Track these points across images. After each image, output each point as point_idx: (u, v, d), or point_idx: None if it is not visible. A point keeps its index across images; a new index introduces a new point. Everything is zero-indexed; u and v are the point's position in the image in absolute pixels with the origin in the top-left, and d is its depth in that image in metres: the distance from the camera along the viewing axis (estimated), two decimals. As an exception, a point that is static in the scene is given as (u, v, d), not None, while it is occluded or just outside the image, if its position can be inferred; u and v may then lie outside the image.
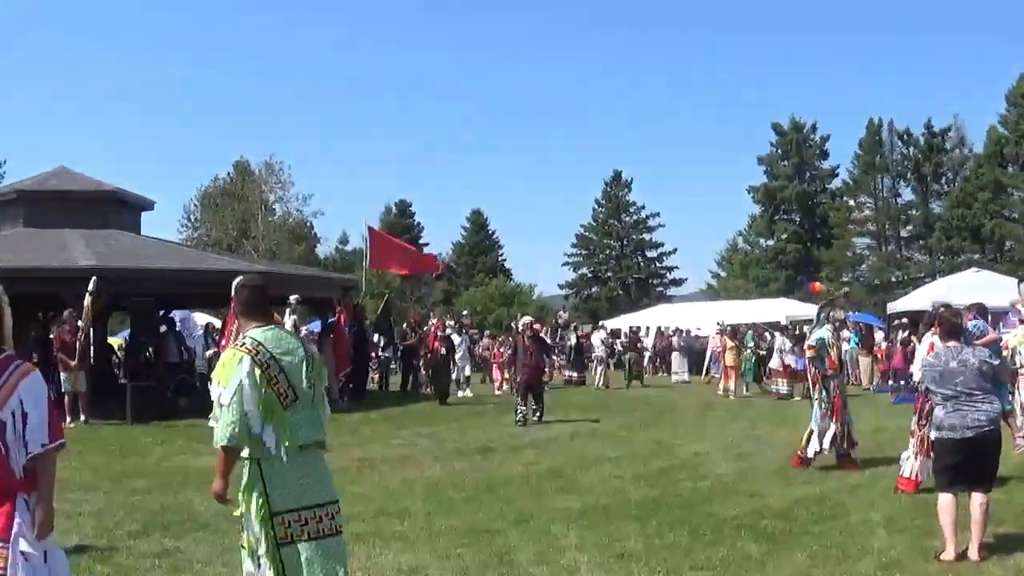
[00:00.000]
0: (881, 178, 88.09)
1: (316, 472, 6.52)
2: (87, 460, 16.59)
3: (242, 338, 6.60)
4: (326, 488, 6.56)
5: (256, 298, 6.91)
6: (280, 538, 6.31)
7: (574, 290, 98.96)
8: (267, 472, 6.35)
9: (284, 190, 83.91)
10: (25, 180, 32.94)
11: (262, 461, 6.36)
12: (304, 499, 6.38)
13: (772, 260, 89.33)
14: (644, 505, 12.81)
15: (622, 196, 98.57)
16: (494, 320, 70.04)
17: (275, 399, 6.35)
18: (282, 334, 6.69)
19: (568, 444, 19.27)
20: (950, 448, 9.92)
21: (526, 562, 9.84)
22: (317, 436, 6.59)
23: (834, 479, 14.59)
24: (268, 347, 6.45)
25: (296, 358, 6.54)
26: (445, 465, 16.50)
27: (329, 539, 6.46)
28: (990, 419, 9.82)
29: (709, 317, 47.14)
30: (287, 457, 6.33)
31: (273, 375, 6.37)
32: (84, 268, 24.47)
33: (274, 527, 6.30)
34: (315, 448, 6.57)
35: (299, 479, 6.38)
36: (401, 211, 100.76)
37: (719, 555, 10.04)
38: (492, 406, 27.91)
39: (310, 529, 6.36)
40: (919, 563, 9.63)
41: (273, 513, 6.31)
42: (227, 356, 6.52)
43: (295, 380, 6.46)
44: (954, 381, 9.82)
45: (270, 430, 6.32)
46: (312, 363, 6.64)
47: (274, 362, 6.40)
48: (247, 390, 6.28)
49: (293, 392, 6.43)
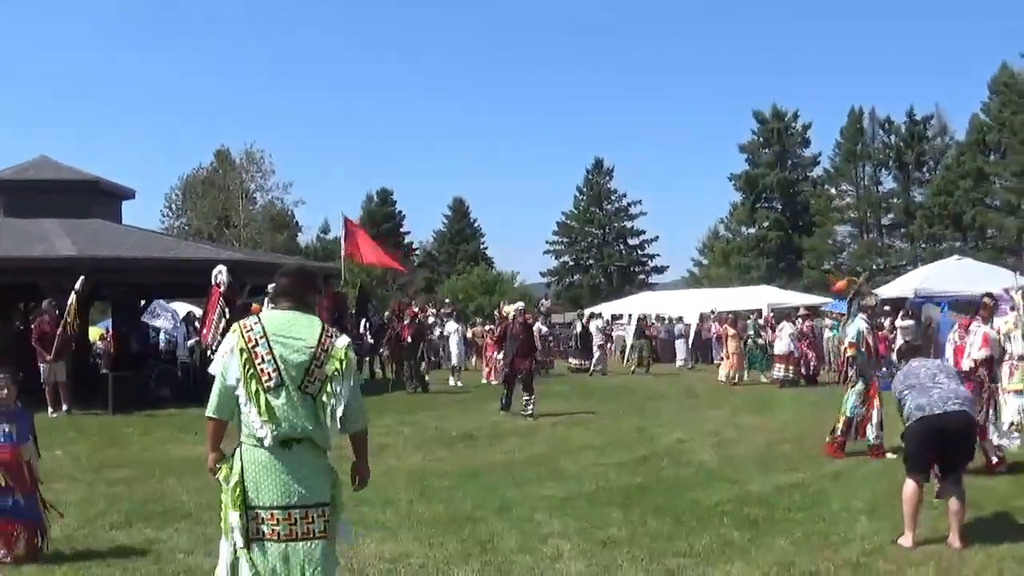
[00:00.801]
0: (863, 166, 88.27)
1: (302, 470, 6.20)
2: (69, 450, 16.49)
3: (253, 316, 6.55)
4: (313, 489, 6.22)
5: (283, 284, 6.63)
6: (252, 533, 6.14)
7: (556, 278, 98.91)
8: (248, 460, 6.18)
9: (265, 179, 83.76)
10: (5, 170, 32.80)
11: (245, 448, 6.21)
12: (282, 497, 6.13)
13: (754, 248, 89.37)
14: (627, 492, 12.83)
15: (604, 184, 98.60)
16: (475, 308, 69.93)
17: (256, 377, 6.15)
18: (297, 319, 6.40)
19: (551, 432, 19.28)
20: (917, 431, 9.97)
21: (509, 550, 9.85)
22: (307, 431, 6.21)
23: (816, 466, 14.62)
24: (268, 326, 6.29)
25: (299, 344, 6.26)
26: (427, 453, 16.50)
27: (305, 543, 6.17)
28: (960, 399, 9.89)
29: (691, 305, 47.26)
30: (270, 448, 6.11)
31: (260, 353, 6.19)
32: (65, 258, 24.43)
33: (247, 520, 6.14)
34: (307, 445, 6.25)
35: (281, 475, 6.13)
36: (383, 199, 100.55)
37: (702, 542, 10.06)
38: (474, 394, 27.89)
39: (280, 530, 6.12)
40: (902, 550, 9.65)
41: (248, 507, 6.14)
42: (230, 331, 6.49)
43: (285, 365, 6.18)
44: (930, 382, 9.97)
45: (254, 411, 6.13)
46: (325, 356, 6.29)
47: (266, 340, 6.21)
48: (229, 362, 6.23)
49: (280, 376, 6.17)
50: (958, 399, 9.92)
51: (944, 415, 9.80)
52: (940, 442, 9.88)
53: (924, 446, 9.97)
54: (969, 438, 10.23)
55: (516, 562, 9.38)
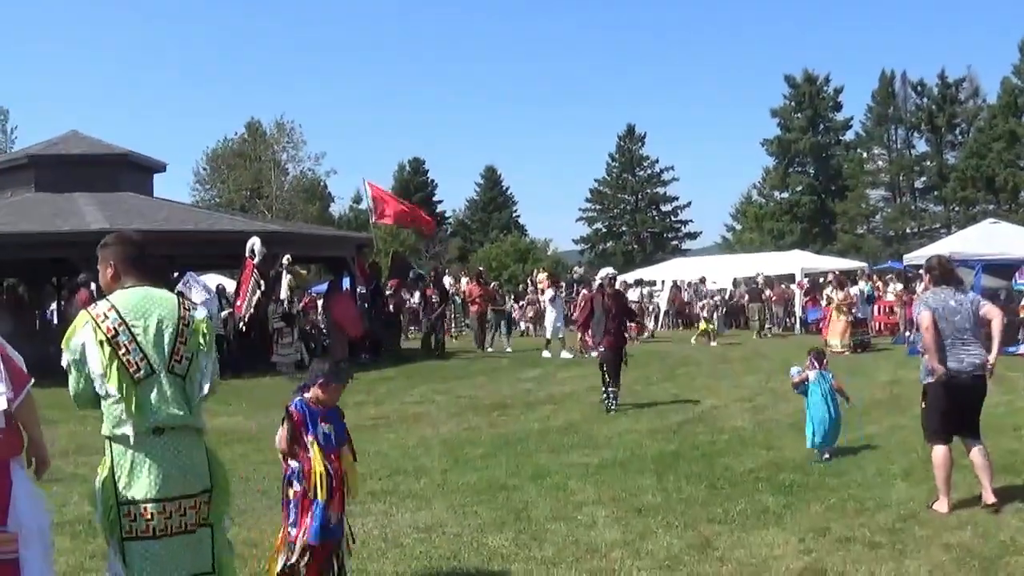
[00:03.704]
0: (895, 129, 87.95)
1: (179, 459, 5.70)
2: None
3: (102, 301, 5.89)
4: (192, 478, 5.76)
5: (129, 255, 6.08)
6: (125, 532, 5.61)
7: (589, 245, 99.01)
8: (117, 456, 5.68)
9: (296, 149, 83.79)
10: (36, 145, 32.93)
11: (114, 443, 5.69)
12: (158, 490, 5.61)
13: (787, 212, 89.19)
14: (661, 459, 12.80)
15: (636, 150, 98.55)
16: (508, 276, 69.93)
17: (123, 369, 5.61)
18: (151, 296, 5.88)
19: (584, 398, 19.20)
20: (942, 393, 9.90)
21: (543, 518, 9.84)
22: (181, 417, 5.73)
23: (850, 431, 14.55)
24: (122, 311, 5.72)
25: (160, 325, 5.77)
26: (461, 422, 16.49)
27: (186, 536, 5.70)
28: (980, 364, 9.81)
29: (725, 270, 47.10)
30: (137, 440, 5.59)
31: (122, 343, 5.64)
32: (96, 231, 24.42)
33: (120, 518, 5.62)
34: (181, 431, 5.76)
35: (154, 466, 5.62)
36: (415, 169, 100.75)
37: (737, 508, 10.03)
38: (507, 362, 27.87)
39: (156, 525, 5.61)
40: (938, 514, 9.59)
41: (120, 503, 5.62)
42: (76, 319, 5.84)
43: (151, 350, 5.69)
44: (952, 318, 9.81)
45: (120, 406, 5.60)
46: (188, 331, 5.85)
47: (124, 328, 5.66)
48: (89, 354, 5.64)
49: (148, 364, 5.67)
50: (980, 368, 9.84)
51: (969, 382, 9.78)
52: (962, 405, 9.90)
53: (947, 407, 9.91)
54: (981, 404, 10.16)
55: (550, 530, 9.37)
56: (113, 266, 6.04)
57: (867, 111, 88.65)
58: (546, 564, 8.29)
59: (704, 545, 8.75)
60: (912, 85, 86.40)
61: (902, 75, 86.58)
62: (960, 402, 9.86)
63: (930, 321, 9.82)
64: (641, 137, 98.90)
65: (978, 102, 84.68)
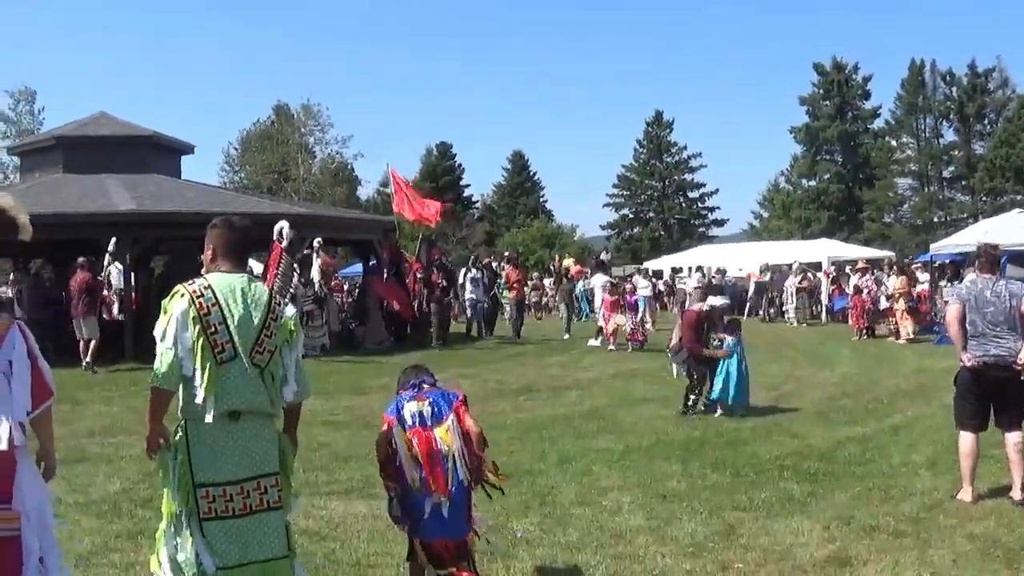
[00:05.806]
0: (924, 118, 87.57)
1: (251, 442, 5.84)
2: (130, 404, 16.50)
3: (199, 278, 5.96)
4: (262, 461, 5.87)
5: (230, 240, 6.13)
6: (204, 513, 5.71)
7: (616, 231, 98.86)
8: (193, 436, 5.75)
9: (323, 132, 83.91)
10: (64, 126, 33.01)
11: (190, 423, 5.77)
12: (233, 472, 5.75)
13: (814, 200, 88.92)
14: (686, 445, 12.83)
15: (663, 136, 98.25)
16: (535, 261, 69.92)
17: (208, 349, 5.71)
18: (248, 286, 5.96)
19: (610, 384, 19.25)
20: (970, 382, 9.89)
21: (568, 503, 9.88)
22: (259, 404, 5.88)
23: (876, 420, 14.51)
24: (217, 292, 5.83)
25: (250, 313, 5.87)
26: (487, 406, 16.45)
27: (258, 515, 5.82)
28: (1004, 356, 9.72)
29: (752, 258, 47.00)
30: (215, 422, 5.69)
31: (212, 323, 5.74)
32: (124, 212, 24.58)
33: (197, 499, 5.72)
34: (256, 416, 5.89)
35: (229, 448, 5.76)
36: (442, 153, 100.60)
37: (761, 496, 10.05)
38: (533, 347, 27.87)
39: (235, 506, 5.75)
40: (963, 504, 9.58)
41: (196, 484, 5.72)
42: (173, 291, 5.89)
43: (240, 336, 5.80)
44: (985, 310, 9.75)
45: (201, 384, 5.69)
46: (276, 325, 5.97)
47: (218, 309, 5.78)
48: (180, 329, 5.70)
49: (233, 347, 5.78)
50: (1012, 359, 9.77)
51: (996, 374, 9.71)
52: (991, 395, 9.85)
53: (975, 396, 9.89)
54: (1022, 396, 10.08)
55: (575, 515, 9.41)
56: (213, 249, 6.11)
57: (896, 100, 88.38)
58: (571, 549, 8.32)
59: (728, 532, 8.77)
60: (941, 74, 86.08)
61: (931, 64, 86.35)
62: (989, 393, 9.82)
63: (955, 314, 9.81)
64: (669, 123, 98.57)
65: (1007, 92, 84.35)
